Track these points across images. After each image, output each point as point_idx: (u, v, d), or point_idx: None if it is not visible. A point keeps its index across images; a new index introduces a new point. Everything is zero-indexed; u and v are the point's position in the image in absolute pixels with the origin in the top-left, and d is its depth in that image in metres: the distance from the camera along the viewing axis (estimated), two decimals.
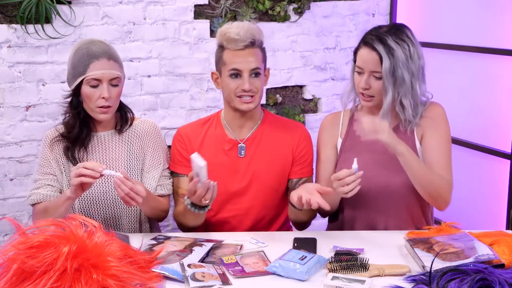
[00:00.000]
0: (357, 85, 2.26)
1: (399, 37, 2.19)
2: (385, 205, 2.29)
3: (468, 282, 1.71)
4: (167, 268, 1.86)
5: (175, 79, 3.41)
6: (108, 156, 2.32)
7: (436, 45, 3.59)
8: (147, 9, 3.29)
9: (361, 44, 2.25)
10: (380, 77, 2.19)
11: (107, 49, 2.24)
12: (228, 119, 2.38)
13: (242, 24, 2.28)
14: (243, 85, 2.26)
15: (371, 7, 3.86)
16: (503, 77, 3.26)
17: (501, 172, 3.26)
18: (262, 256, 2.01)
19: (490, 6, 3.31)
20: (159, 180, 2.35)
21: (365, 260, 1.91)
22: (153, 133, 2.38)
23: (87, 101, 2.23)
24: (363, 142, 2.28)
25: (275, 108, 3.66)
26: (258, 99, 2.32)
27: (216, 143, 2.36)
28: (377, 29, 2.26)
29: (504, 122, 3.26)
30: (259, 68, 2.28)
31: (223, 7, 3.43)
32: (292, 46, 3.66)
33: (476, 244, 1.95)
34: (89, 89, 2.21)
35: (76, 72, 2.22)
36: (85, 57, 2.20)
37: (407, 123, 2.28)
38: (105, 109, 2.23)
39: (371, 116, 2.16)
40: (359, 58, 2.25)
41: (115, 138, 2.34)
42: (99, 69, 2.20)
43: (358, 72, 2.25)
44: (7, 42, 3.03)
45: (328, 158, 2.38)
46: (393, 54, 2.17)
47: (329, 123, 2.43)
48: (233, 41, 2.24)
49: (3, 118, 3.08)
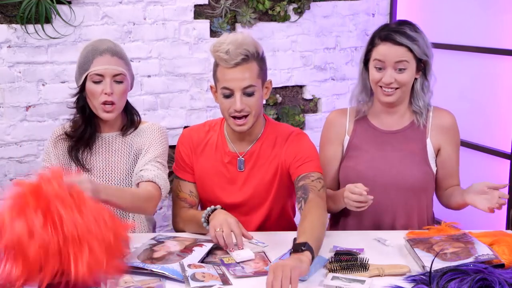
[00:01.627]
0: (376, 82, 2.24)
1: (413, 28, 2.25)
2: (392, 204, 2.30)
3: (468, 282, 1.71)
4: (167, 268, 1.86)
5: (175, 79, 3.41)
6: (111, 157, 2.31)
7: (436, 45, 3.57)
8: (147, 9, 3.29)
9: (378, 41, 2.24)
10: (403, 68, 2.21)
11: (112, 46, 2.24)
12: (229, 131, 2.31)
13: (234, 39, 2.13)
14: (234, 105, 2.15)
15: (371, 7, 3.86)
16: (503, 77, 3.26)
17: (501, 172, 3.26)
18: (262, 256, 2.01)
19: (490, 6, 3.31)
20: (145, 165, 2.22)
21: (365, 260, 1.91)
22: (155, 131, 2.32)
23: (91, 97, 2.22)
24: (370, 141, 2.29)
25: (275, 108, 3.66)
26: (252, 118, 2.19)
27: (216, 153, 2.31)
28: (388, 26, 2.28)
29: (504, 122, 3.26)
30: (252, 85, 2.14)
31: (223, 7, 3.43)
32: (292, 46, 3.66)
33: (476, 244, 1.95)
34: (93, 85, 2.20)
35: (81, 69, 2.23)
36: (90, 54, 2.21)
37: (419, 116, 2.32)
38: (108, 107, 2.21)
39: None
40: (378, 54, 2.23)
41: (119, 139, 2.32)
42: (102, 64, 2.19)
43: (378, 67, 2.23)
44: (7, 42, 3.03)
45: (334, 155, 2.38)
46: (417, 42, 2.21)
47: (336, 120, 2.41)
48: (223, 60, 2.12)
49: (3, 118, 3.08)
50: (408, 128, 2.33)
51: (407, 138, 2.32)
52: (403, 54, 2.21)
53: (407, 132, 2.32)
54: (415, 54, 2.22)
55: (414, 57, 2.22)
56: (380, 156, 2.31)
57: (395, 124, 2.34)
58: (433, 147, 2.31)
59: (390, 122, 2.34)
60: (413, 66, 2.23)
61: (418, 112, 2.31)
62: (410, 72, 2.23)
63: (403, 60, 2.21)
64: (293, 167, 2.24)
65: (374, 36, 2.27)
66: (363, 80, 2.33)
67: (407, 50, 2.21)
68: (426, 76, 2.30)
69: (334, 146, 2.39)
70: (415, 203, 2.31)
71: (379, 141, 2.30)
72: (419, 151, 2.31)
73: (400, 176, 2.27)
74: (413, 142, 2.31)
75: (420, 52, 2.22)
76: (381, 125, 2.35)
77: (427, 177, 2.31)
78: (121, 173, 2.30)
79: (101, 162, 2.30)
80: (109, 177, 2.29)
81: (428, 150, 2.31)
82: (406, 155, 2.30)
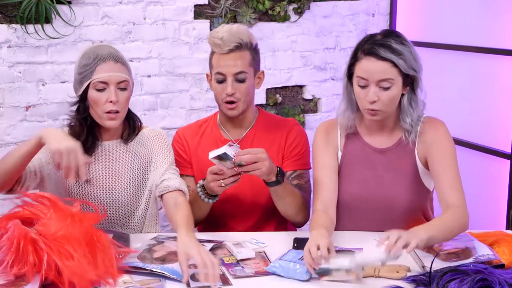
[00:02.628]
0: (362, 100, 2.10)
1: (399, 39, 2.09)
2: (386, 223, 2.13)
3: (468, 282, 1.71)
4: (167, 268, 1.86)
5: (175, 79, 3.41)
6: (112, 167, 2.22)
7: (436, 45, 3.59)
8: (147, 9, 3.29)
9: (361, 55, 2.09)
10: (388, 87, 2.06)
11: (114, 52, 2.15)
12: (223, 120, 2.41)
13: (230, 28, 2.27)
14: (226, 89, 2.26)
15: (371, 7, 3.86)
16: (503, 77, 3.26)
17: (501, 172, 3.26)
18: (262, 256, 2.01)
19: (490, 6, 3.31)
20: (164, 175, 2.20)
21: None
22: (159, 138, 2.28)
23: (94, 106, 2.12)
24: (361, 159, 2.22)
25: (275, 108, 3.66)
26: (243, 105, 2.30)
27: (212, 144, 2.36)
28: (372, 38, 2.11)
29: (504, 122, 3.26)
30: (244, 72, 2.26)
31: (223, 7, 3.43)
32: (292, 46, 3.66)
33: (476, 244, 1.95)
34: (96, 93, 2.10)
35: (82, 76, 2.12)
36: (92, 61, 2.10)
37: (408, 134, 2.18)
38: (113, 115, 2.12)
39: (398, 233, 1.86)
40: (361, 70, 2.08)
41: (120, 147, 2.23)
42: (106, 71, 2.10)
43: (362, 86, 2.08)
44: (7, 42, 3.03)
45: (330, 165, 2.24)
46: (403, 56, 2.06)
47: (327, 131, 2.29)
48: (217, 46, 2.25)
49: (3, 118, 3.08)
50: (398, 145, 2.20)
51: (398, 157, 2.19)
52: (386, 71, 2.04)
53: (398, 149, 2.20)
54: (401, 69, 2.05)
55: (400, 72, 2.05)
56: (372, 176, 2.20)
57: (386, 141, 2.21)
58: (420, 160, 2.18)
59: (380, 139, 2.22)
60: (399, 83, 2.07)
61: (406, 129, 2.16)
62: (396, 89, 2.07)
63: (387, 78, 2.04)
64: (289, 159, 2.36)
65: (357, 49, 2.11)
66: (348, 94, 2.18)
67: (392, 66, 2.04)
68: (414, 91, 2.13)
69: (329, 157, 2.25)
70: (411, 220, 2.17)
71: (371, 160, 2.20)
72: (411, 169, 2.18)
73: (394, 199, 2.17)
74: (404, 160, 2.19)
75: (406, 67, 2.05)
76: (372, 141, 2.23)
77: (421, 197, 2.21)
78: (123, 182, 2.23)
79: (102, 171, 2.21)
80: (110, 187, 2.21)
81: (418, 166, 2.19)
82: (398, 175, 2.18)
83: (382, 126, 2.20)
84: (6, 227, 1.79)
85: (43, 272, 1.72)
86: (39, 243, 1.74)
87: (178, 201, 2.12)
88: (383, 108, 2.09)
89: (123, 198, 2.23)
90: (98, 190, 2.21)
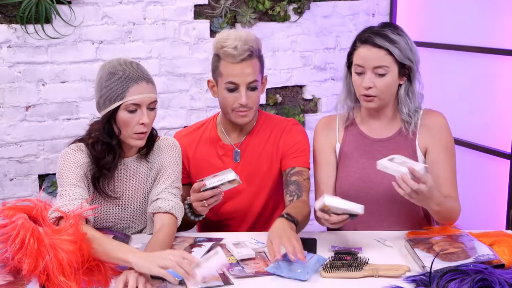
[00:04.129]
0: (358, 86, 2.19)
1: (396, 31, 2.17)
2: (387, 212, 2.25)
3: (468, 282, 1.71)
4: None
5: (175, 79, 3.41)
6: (129, 183, 2.17)
7: (436, 45, 3.59)
8: (147, 9, 3.29)
9: (358, 44, 2.19)
10: (383, 74, 2.14)
11: (145, 72, 2.09)
12: (225, 125, 2.37)
13: (239, 35, 2.21)
14: (240, 99, 2.22)
15: (371, 7, 3.86)
16: (503, 77, 3.26)
17: (501, 172, 3.26)
18: (262, 256, 2.01)
19: (490, 6, 3.32)
20: (161, 193, 2.14)
21: (365, 260, 1.91)
22: (171, 149, 2.22)
23: (124, 127, 2.05)
24: (360, 149, 2.25)
25: (275, 108, 3.66)
26: (253, 112, 2.29)
27: (211, 147, 2.35)
28: (370, 28, 2.22)
29: (504, 122, 3.26)
30: (256, 80, 2.24)
31: (223, 7, 3.43)
32: (292, 46, 3.67)
33: (476, 244, 1.95)
34: (128, 115, 2.03)
35: (112, 96, 2.02)
36: (124, 82, 2.02)
37: (408, 125, 2.23)
38: (142, 135, 2.07)
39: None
40: (357, 58, 2.18)
41: (138, 162, 2.18)
42: (138, 93, 2.03)
43: (358, 72, 2.18)
44: (7, 42, 3.03)
45: (328, 162, 2.32)
46: (398, 45, 2.14)
47: (325, 127, 2.37)
48: (230, 55, 2.19)
49: (3, 118, 3.08)
50: (397, 135, 2.26)
51: (397, 146, 2.24)
52: (381, 58, 2.13)
53: (397, 139, 2.25)
54: (396, 57, 2.14)
55: (395, 61, 2.14)
56: (370, 165, 2.21)
57: (384, 131, 2.27)
58: (420, 150, 2.23)
59: (379, 129, 2.28)
60: (395, 71, 2.15)
61: (405, 120, 2.23)
62: (391, 77, 2.15)
63: (382, 65, 2.13)
64: (287, 157, 2.33)
65: (356, 39, 2.22)
66: (347, 84, 2.27)
67: (387, 54, 2.13)
68: (411, 82, 2.21)
69: (327, 153, 2.32)
70: (410, 213, 2.25)
71: (369, 150, 2.23)
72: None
73: (393, 189, 2.12)
74: (403, 150, 2.22)
75: (401, 56, 2.14)
76: (370, 132, 2.29)
77: None
78: (138, 199, 2.19)
79: (121, 188, 2.16)
80: (124, 204, 2.18)
81: (418, 155, 2.23)
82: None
83: (380, 116, 2.27)
84: (12, 218, 1.81)
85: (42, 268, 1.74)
86: (45, 240, 1.76)
87: (164, 224, 2.07)
88: (378, 94, 2.17)
89: (138, 213, 2.22)
90: (112, 208, 2.17)
